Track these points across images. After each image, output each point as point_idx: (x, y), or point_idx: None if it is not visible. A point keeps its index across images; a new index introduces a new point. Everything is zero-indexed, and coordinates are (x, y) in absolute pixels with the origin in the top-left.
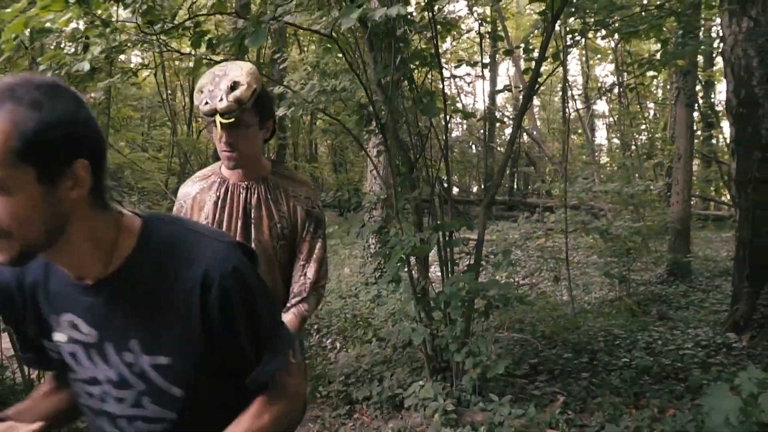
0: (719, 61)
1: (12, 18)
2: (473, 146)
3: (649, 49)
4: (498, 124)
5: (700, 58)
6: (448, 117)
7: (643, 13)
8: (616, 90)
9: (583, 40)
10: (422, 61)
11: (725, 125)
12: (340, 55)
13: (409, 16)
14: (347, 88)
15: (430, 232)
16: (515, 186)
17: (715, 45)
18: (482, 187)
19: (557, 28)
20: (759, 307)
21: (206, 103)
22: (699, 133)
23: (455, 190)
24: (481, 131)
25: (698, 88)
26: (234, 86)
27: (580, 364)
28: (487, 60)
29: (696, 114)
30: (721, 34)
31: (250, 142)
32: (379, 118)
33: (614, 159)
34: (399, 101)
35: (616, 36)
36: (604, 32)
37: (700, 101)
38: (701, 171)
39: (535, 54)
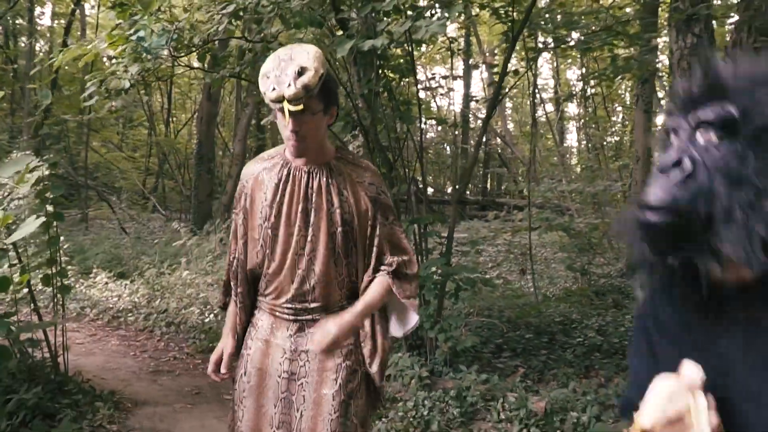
0: None
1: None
2: (447, 148)
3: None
4: (472, 127)
5: (667, 64)
6: (423, 124)
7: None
8: (583, 96)
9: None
10: (400, 74)
11: None
12: None
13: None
14: None
15: (407, 224)
16: (488, 186)
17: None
18: (456, 187)
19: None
20: None
21: (273, 89)
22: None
23: (430, 190)
24: (455, 133)
25: (663, 93)
26: (302, 71)
27: (540, 343)
28: (457, 72)
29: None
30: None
31: (315, 128)
32: (362, 123)
33: (582, 160)
34: (379, 109)
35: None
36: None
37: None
38: None
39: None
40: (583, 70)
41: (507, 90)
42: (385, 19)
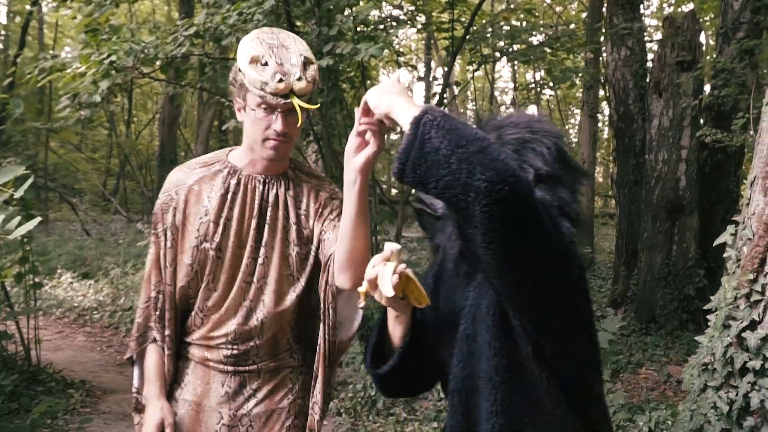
0: None
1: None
2: None
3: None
4: None
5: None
6: None
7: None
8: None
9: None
10: (351, 85)
11: None
12: None
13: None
14: None
15: None
16: None
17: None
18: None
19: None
20: (631, 286)
21: (280, 80)
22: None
23: (394, 191)
24: None
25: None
26: (307, 63)
27: None
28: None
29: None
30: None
31: (297, 132)
32: (315, 131)
33: None
34: (333, 117)
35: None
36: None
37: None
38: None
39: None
40: (537, 76)
41: (451, 99)
42: (333, 41)
